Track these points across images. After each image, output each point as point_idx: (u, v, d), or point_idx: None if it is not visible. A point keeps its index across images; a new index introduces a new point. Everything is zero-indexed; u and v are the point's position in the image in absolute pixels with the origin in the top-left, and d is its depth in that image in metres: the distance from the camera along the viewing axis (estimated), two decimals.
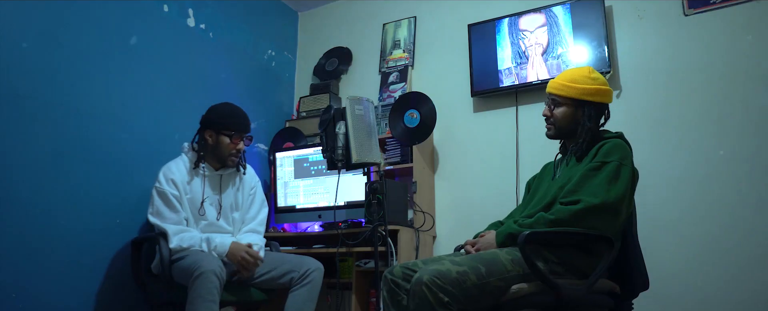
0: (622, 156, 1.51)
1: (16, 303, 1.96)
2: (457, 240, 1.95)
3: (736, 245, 2.18)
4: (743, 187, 2.22)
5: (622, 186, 1.46)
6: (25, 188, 2.05)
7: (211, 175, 2.24)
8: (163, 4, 2.75)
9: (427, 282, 1.31)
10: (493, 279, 1.38)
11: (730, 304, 2.14)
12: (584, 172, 1.52)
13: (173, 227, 2.05)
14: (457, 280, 1.33)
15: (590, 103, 1.63)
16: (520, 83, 2.73)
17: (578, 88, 1.62)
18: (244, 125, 2.25)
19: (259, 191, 2.43)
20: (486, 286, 1.36)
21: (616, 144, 1.54)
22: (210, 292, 1.83)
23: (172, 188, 2.11)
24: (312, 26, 3.78)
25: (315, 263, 2.18)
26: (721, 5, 2.40)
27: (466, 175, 2.88)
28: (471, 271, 1.36)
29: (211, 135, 2.21)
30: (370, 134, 2.23)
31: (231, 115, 2.23)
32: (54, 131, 2.17)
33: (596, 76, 1.66)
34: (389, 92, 3.18)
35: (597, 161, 1.51)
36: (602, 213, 1.43)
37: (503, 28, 2.85)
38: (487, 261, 1.41)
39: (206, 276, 1.83)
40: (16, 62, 2.07)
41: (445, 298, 1.30)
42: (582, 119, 1.63)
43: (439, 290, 1.31)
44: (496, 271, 1.39)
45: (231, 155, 2.22)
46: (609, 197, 1.43)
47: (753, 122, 2.25)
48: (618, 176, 1.47)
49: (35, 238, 2.05)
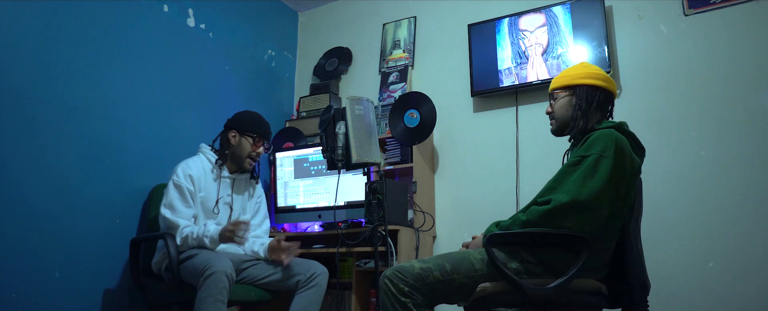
0: (604, 148, 1.43)
1: (16, 303, 1.96)
2: (457, 240, 1.97)
3: (736, 245, 2.18)
4: (743, 187, 2.22)
5: (599, 181, 1.39)
6: (24, 188, 2.05)
7: (227, 178, 2.28)
8: (163, 4, 2.75)
9: (389, 276, 1.45)
10: (458, 276, 1.44)
11: (729, 304, 2.14)
12: (563, 168, 1.50)
13: (184, 221, 2.08)
14: (419, 275, 1.44)
15: (582, 85, 1.62)
16: (520, 83, 2.73)
17: (571, 75, 1.66)
18: (266, 132, 2.34)
19: (264, 203, 2.47)
20: (451, 283, 1.44)
21: (600, 135, 1.47)
22: (220, 292, 1.84)
23: (188, 184, 2.14)
24: (312, 26, 3.78)
25: (321, 267, 2.20)
26: (721, 5, 2.40)
27: (466, 175, 2.88)
28: (435, 268, 1.45)
29: (234, 136, 2.27)
30: (370, 134, 2.23)
31: (258, 120, 2.33)
32: (54, 131, 2.17)
33: (588, 65, 1.69)
34: (389, 92, 3.18)
35: (577, 156, 1.47)
36: (572, 211, 1.39)
37: (503, 28, 2.85)
38: (455, 259, 1.48)
39: (217, 276, 1.84)
40: (16, 62, 2.07)
41: (405, 288, 1.42)
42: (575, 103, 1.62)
43: (399, 281, 1.42)
44: (462, 269, 1.45)
45: (250, 157, 2.28)
46: (580, 194, 1.38)
47: (753, 121, 2.25)
48: (595, 171, 1.41)
49: (35, 238, 2.06)
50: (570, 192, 1.40)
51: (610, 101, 1.66)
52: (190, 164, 2.20)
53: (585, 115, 1.60)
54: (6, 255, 1.96)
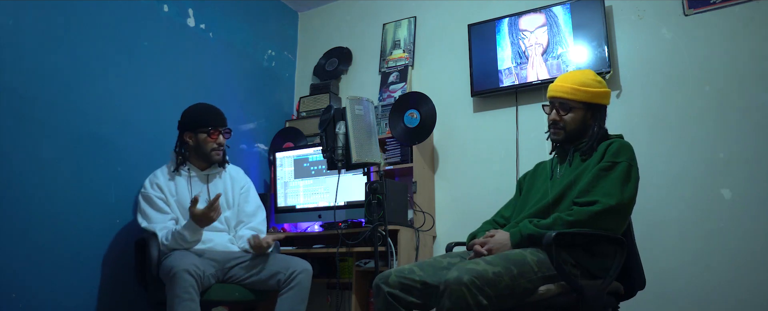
0: (631, 157, 1.54)
1: (17, 303, 1.96)
2: (457, 240, 1.95)
3: (735, 245, 2.18)
4: (743, 186, 2.22)
5: (633, 187, 1.50)
6: (25, 188, 2.05)
7: (198, 175, 2.27)
8: (163, 4, 2.75)
9: (468, 283, 1.28)
10: (523, 280, 1.37)
11: (728, 304, 2.14)
12: (596, 172, 1.52)
13: (159, 225, 2.10)
14: (492, 281, 1.31)
15: (598, 105, 1.66)
16: (520, 83, 2.73)
17: (590, 92, 1.65)
18: (218, 120, 2.28)
19: (253, 191, 2.42)
20: (516, 287, 1.36)
21: (624, 145, 1.57)
22: (186, 290, 1.85)
23: (157, 192, 2.17)
24: (312, 26, 3.78)
25: (302, 264, 2.15)
26: (721, 5, 2.40)
27: (466, 175, 2.88)
28: (505, 272, 1.34)
29: (190, 137, 2.25)
30: (370, 134, 2.23)
31: (204, 112, 2.28)
32: (54, 131, 2.17)
33: (600, 79, 1.70)
34: (389, 92, 3.18)
35: (607, 162, 1.53)
36: (617, 214, 1.46)
37: (503, 28, 2.85)
38: (518, 262, 1.39)
39: (179, 275, 1.85)
40: (16, 62, 2.07)
41: (483, 301, 1.29)
42: (592, 122, 1.66)
43: (478, 291, 1.29)
44: (525, 272, 1.38)
45: (213, 150, 2.25)
46: (623, 198, 1.46)
47: (753, 121, 2.25)
48: (629, 177, 1.50)
49: (35, 238, 2.06)
50: (614, 195, 1.46)
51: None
52: (157, 173, 2.23)
53: (600, 131, 1.66)
54: (6, 254, 1.96)
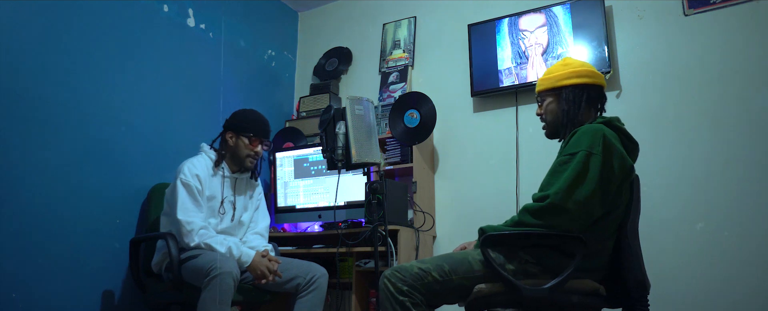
0: (591, 144, 1.40)
1: (17, 303, 1.96)
2: (457, 240, 1.97)
3: (734, 245, 2.18)
4: (743, 186, 2.22)
5: (592, 181, 1.38)
6: (25, 187, 2.05)
7: (228, 177, 2.27)
8: (163, 4, 2.75)
9: (388, 276, 1.46)
10: (456, 277, 1.45)
11: (728, 304, 2.14)
12: (553, 167, 1.48)
13: (201, 223, 2.05)
14: (417, 275, 1.44)
15: (566, 87, 1.60)
16: (520, 83, 2.73)
17: (553, 76, 1.63)
18: (263, 130, 2.30)
19: (263, 202, 2.46)
20: (448, 283, 1.44)
21: (585, 131, 1.44)
22: (225, 294, 1.83)
23: (196, 182, 2.10)
24: (312, 26, 3.78)
25: (320, 269, 2.20)
26: (721, 5, 2.40)
27: (466, 175, 2.88)
28: (434, 269, 1.45)
29: (232, 137, 2.25)
30: (370, 134, 2.23)
31: (253, 118, 2.30)
32: (53, 130, 2.17)
33: (569, 62, 1.65)
34: (389, 92, 3.18)
35: (566, 155, 1.45)
36: (565, 212, 1.37)
37: (503, 28, 2.85)
38: (454, 260, 1.48)
39: (223, 278, 1.83)
40: (16, 62, 2.07)
41: (403, 288, 1.42)
42: (565, 107, 1.59)
43: (398, 281, 1.44)
44: (460, 270, 1.45)
45: (248, 157, 2.26)
46: (572, 195, 1.37)
47: (752, 121, 2.25)
48: (586, 169, 1.38)
49: (35, 238, 2.06)
50: (560, 191, 1.38)
51: (599, 94, 1.62)
52: (195, 162, 2.17)
53: (574, 117, 1.57)
54: (6, 254, 1.96)
